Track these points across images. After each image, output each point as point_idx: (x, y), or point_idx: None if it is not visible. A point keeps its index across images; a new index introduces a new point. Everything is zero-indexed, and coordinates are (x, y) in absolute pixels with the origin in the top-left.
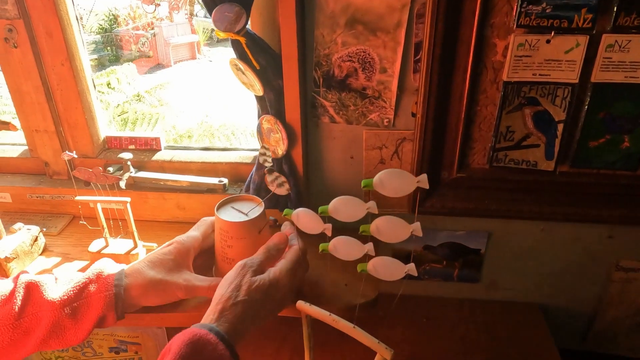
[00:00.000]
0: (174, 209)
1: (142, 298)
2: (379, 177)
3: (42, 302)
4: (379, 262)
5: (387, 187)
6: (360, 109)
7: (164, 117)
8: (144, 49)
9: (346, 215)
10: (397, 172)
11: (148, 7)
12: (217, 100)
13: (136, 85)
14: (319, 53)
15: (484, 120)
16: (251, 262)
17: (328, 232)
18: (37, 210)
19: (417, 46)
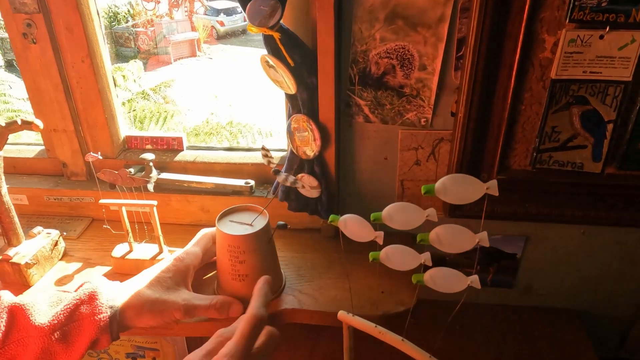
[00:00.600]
0: (198, 211)
1: (137, 319)
2: (442, 183)
3: (28, 327)
4: (438, 273)
5: (450, 194)
6: (396, 108)
7: (172, 115)
8: (143, 47)
9: (402, 223)
10: (463, 178)
11: (148, 4)
12: (222, 98)
13: (141, 83)
14: (355, 49)
15: (528, 120)
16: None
17: (379, 241)
18: (55, 213)
19: (460, 42)
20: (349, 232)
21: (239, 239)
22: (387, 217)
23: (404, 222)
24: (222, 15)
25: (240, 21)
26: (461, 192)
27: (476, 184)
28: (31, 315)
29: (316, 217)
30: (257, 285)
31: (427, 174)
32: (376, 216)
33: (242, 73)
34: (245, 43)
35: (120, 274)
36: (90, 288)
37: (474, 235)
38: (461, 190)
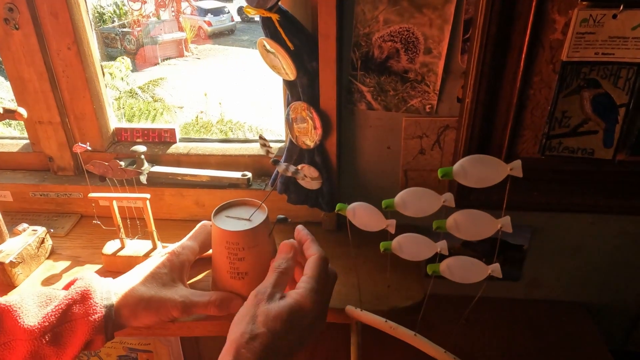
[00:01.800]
0: (193, 206)
1: (133, 318)
2: (460, 165)
3: (16, 329)
4: (455, 262)
5: (470, 177)
6: (400, 94)
7: (161, 112)
8: (130, 47)
9: (417, 209)
10: (484, 159)
11: (134, 4)
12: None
13: (129, 81)
14: (358, 32)
15: (537, 105)
16: (263, 288)
17: (391, 229)
18: (41, 210)
19: (467, 24)
20: (358, 222)
21: (238, 235)
22: (400, 203)
23: (418, 209)
24: (210, 16)
25: (228, 21)
26: (482, 175)
27: (498, 165)
28: (19, 317)
29: (317, 209)
30: (301, 233)
31: (431, 163)
32: (388, 203)
33: (230, 72)
34: (232, 43)
35: (111, 272)
36: (83, 286)
37: (495, 221)
38: (482, 172)
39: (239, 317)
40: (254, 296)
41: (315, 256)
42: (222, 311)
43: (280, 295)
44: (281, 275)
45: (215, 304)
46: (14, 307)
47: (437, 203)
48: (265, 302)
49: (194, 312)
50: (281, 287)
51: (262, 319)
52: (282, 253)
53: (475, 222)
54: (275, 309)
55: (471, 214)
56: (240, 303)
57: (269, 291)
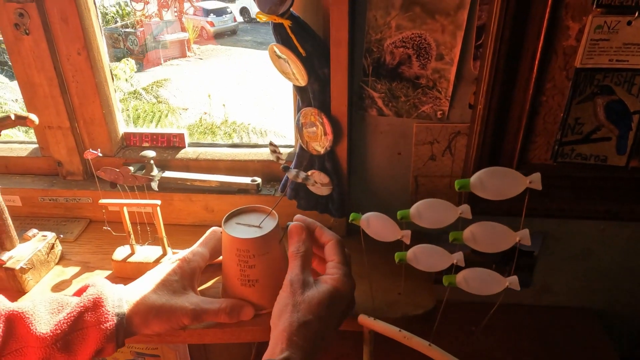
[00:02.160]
0: (202, 211)
1: (144, 326)
2: (478, 177)
3: (28, 336)
4: (471, 274)
5: (488, 189)
6: (411, 100)
7: (166, 114)
8: (132, 47)
9: (432, 220)
10: (502, 171)
11: (137, 5)
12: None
13: (133, 82)
14: (370, 38)
15: (550, 111)
16: (295, 277)
17: (406, 240)
18: (50, 214)
19: (479, 30)
20: (372, 232)
21: (249, 243)
22: (416, 214)
23: (434, 220)
24: (212, 16)
25: (230, 21)
26: (500, 187)
27: (517, 177)
28: (31, 324)
29: (326, 215)
30: (307, 221)
31: (442, 169)
32: (403, 214)
33: (233, 73)
34: (235, 43)
35: (121, 278)
36: (95, 293)
37: (513, 234)
38: (500, 184)
39: (280, 307)
40: (289, 285)
41: (334, 241)
42: (232, 319)
43: (312, 280)
44: (304, 258)
45: (226, 312)
46: (26, 314)
47: (453, 214)
48: (301, 289)
49: (205, 319)
50: (308, 269)
51: (306, 307)
52: (295, 236)
53: (492, 235)
54: (317, 295)
55: (489, 226)
56: (251, 310)
57: (301, 278)
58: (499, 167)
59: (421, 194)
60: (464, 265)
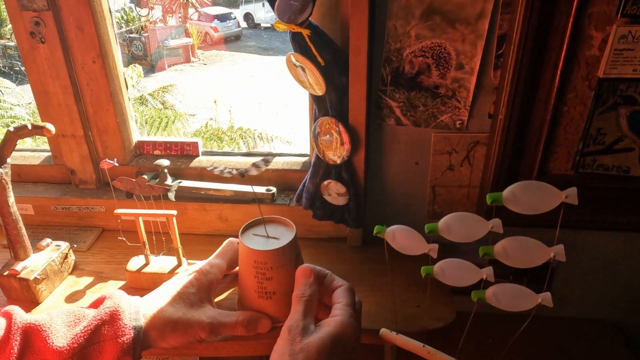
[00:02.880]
0: (216, 220)
1: (160, 340)
2: (510, 191)
3: (45, 350)
4: (502, 289)
5: (521, 203)
6: (430, 109)
7: (173, 120)
8: (137, 52)
9: (462, 234)
10: (536, 185)
11: (142, 10)
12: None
13: (140, 88)
14: (389, 47)
15: (571, 121)
16: (294, 322)
17: (433, 254)
18: (62, 223)
19: (500, 39)
20: (397, 245)
21: (267, 255)
22: (445, 228)
23: (463, 234)
24: (216, 22)
25: (234, 27)
26: (534, 201)
27: (552, 192)
28: (48, 338)
29: (342, 225)
30: (317, 269)
31: (460, 180)
32: (432, 227)
33: (237, 78)
34: (239, 49)
35: (135, 289)
36: (112, 306)
37: (547, 249)
38: (535, 199)
39: (276, 357)
40: (287, 332)
41: (345, 286)
42: (249, 331)
43: (314, 326)
44: (308, 304)
45: (243, 324)
46: (43, 327)
47: (483, 228)
48: (300, 336)
49: (222, 332)
50: (311, 316)
51: (304, 356)
52: (301, 279)
53: (525, 250)
54: (316, 342)
55: (521, 241)
56: (268, 323)
57: (301, 324)
58: (533, 181)
59: (438, 204)
60: (493, 281)
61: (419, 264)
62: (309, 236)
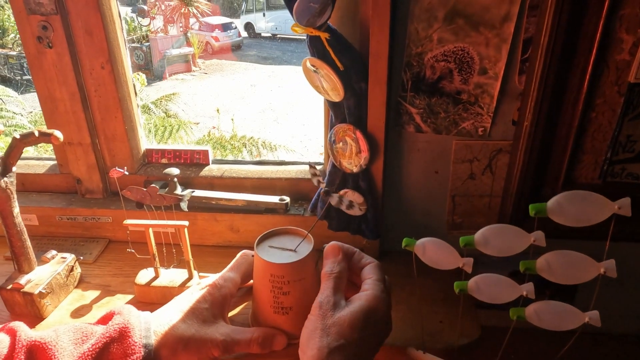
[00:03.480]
0: (227, 231)
1: (172, 358)
2: (556, 201)
3: None
4: (545, 307)
5: (568, 214)
6: (451, 116)
7: (177, 129)
8: (139, 62)
9: (500, 248)
10: (584, 195)
11: (143, 20)
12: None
13: (142, 97)
14: (410, 51)
15: (599, 128)
16: (325, 298)
17: (468, 269)
18: (67, 234)
19: (525, 43)
20: (428, 259)
21: (284, 268)
22: (482, 241)
23: (503, 248)
24: (217, 31)
25: (235, 37)
26: (582, 213)
27: (602, 202)
28: (54, 357)
29: (358, 237)
30: (345, 246)
31: (481, 189)
32: (467, 240)
33: (238, 87)
34: (240, 58)
35: (144, 303)
36: (121, 322)
37: (597, 264)
38: (583, 210)
39: (308, 332)
40: (317, 308)
41: (375, 263)
42: (265, 349)
43: (344, 302)
44: (338, 280)
45: (258, 342)
46: (49, 345)
47: (524, 241)
48: (331, 311)
49: (236, 350)
50: (341, 292)
51: (337, 330)
52: (330, 257)
53: (571, 265)
54: (348, 316)
55: (567, 255)
56: (284, 340)
57: (332, 300)
58: (580, 191)
59: (458, 215)
60: (534, 297)
61: (441, 278)
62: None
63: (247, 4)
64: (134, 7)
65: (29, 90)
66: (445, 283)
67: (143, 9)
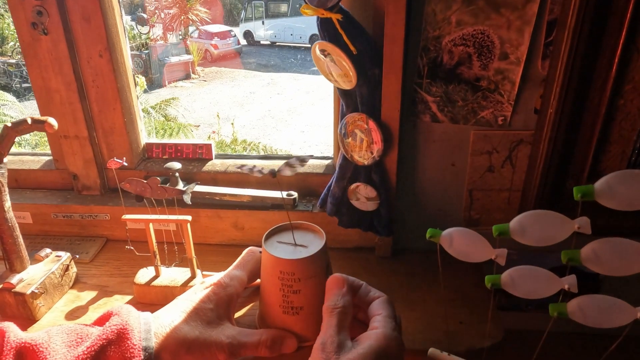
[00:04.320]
0: (231, 229)
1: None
2: (606, 183)
3: None
4: (590, 302)
5: (620, 197)
6: (470, 104)
7: (177, 132)
8: (138, 69)
9: (539, 237)
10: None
11: (143, 28)
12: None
13: (142, 101)
14: (427, 35)
15: (627, 116)
16: (328, 338)
17: (501, 261)
18: (63, 233)
19: (550, 25)
20: (455, 251)
21: (295, 264)
22: (518, 229)
23: (542, 236)
24: (216, 39)
25: (234, 44)
26: (637, 194)
27: None
28: (46, 359)
29: (369, 234)
30: (350, 279)
31: (501, 182)
32: (502, 229)
33: (237, 94)
34: (239, 65)
35: (144, 304)
36: (120, 323)
37: None
38: (637, 190)
39: None
40: (319, 350)
41: (384, 298)
42: (274, 352)
43: (351, 342)
44: (342, 316)
45: (267, 345)
46: (40, 347)
47: (567, 229)
48: (335, 354)
49: (242, 354)
50: (346, 331)
51: None
52: (333, 290)
53: (621, 254)
54: (357, 358)
55: (617, 244)
56: (294, 342)
57: (336, 340)
58: (635, 170)
59: (475, 210)
60: (576, 292)
61: (458, 274)
62: (333, 245)
63: (246, 12)
64: (134, 15)
65: (29, 97)
66: (464, 282)
67: (143, 17)
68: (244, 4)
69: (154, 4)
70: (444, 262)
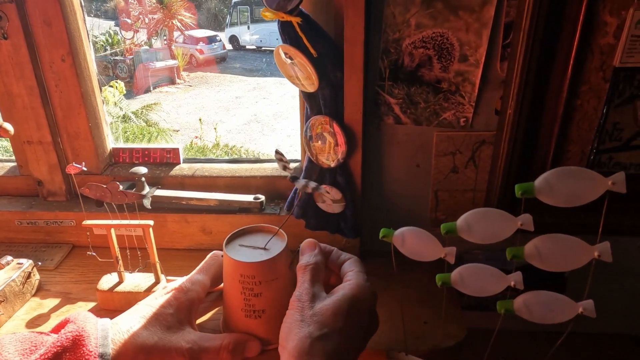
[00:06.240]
0: (198, 233)
1: None
2: (544, 179)
3: None
4: (535, 298)
5: (557, 194)
6: (432, 106)
7: (156, 136)
8: (122, 75)
9: (485, 234)
10: (576, 172)
11: (126, 33)
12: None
13: (123, 106)
14: (387, 37)
15: (585, 116)
16: (303, 289)
17: (450, 259)
18: (28, 240)
19: (507, 28)
20: (407, 250)
21: (254, 267)
22: (464, 227)
23: (487, 234)
24: (202, 44)
25: (220, 49)
26: (573, 191)
27: (595, 179)
28: None
29: (337, 236)
30: (321, 244)
31: (465, 183)
32: (449, 227)
33: (222, 99)
34: (224, 70)
35: (107, 311)
36: (75, 330)
37: (590, 248)
38: (573, 187)
39: (287, 326)
40: (295, 301)
41: (354, 258)
42: (236, 356)
43: (325, 294)
44: (315, 272)
45: (228, 349)
46: None
47: (510, 226)
48: (310, 302)
49: (204, 359)
50: (319, 284)
51: (319, 319)
52: (307, 250)
53: (563, 250)
54: (332, 304)
55: (558, 240)
56: (257, 346)
57: (311, 291)
58: (572, 167)
59: (441, 211)
60: (522, 288)
61: (423, 275)
62: None
63: (231, 17)
64: (117, 20)
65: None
66: (429, 283)
67: (126, 22)
68: (230, 8)
69: (138, 9)
70: (413, 262)
